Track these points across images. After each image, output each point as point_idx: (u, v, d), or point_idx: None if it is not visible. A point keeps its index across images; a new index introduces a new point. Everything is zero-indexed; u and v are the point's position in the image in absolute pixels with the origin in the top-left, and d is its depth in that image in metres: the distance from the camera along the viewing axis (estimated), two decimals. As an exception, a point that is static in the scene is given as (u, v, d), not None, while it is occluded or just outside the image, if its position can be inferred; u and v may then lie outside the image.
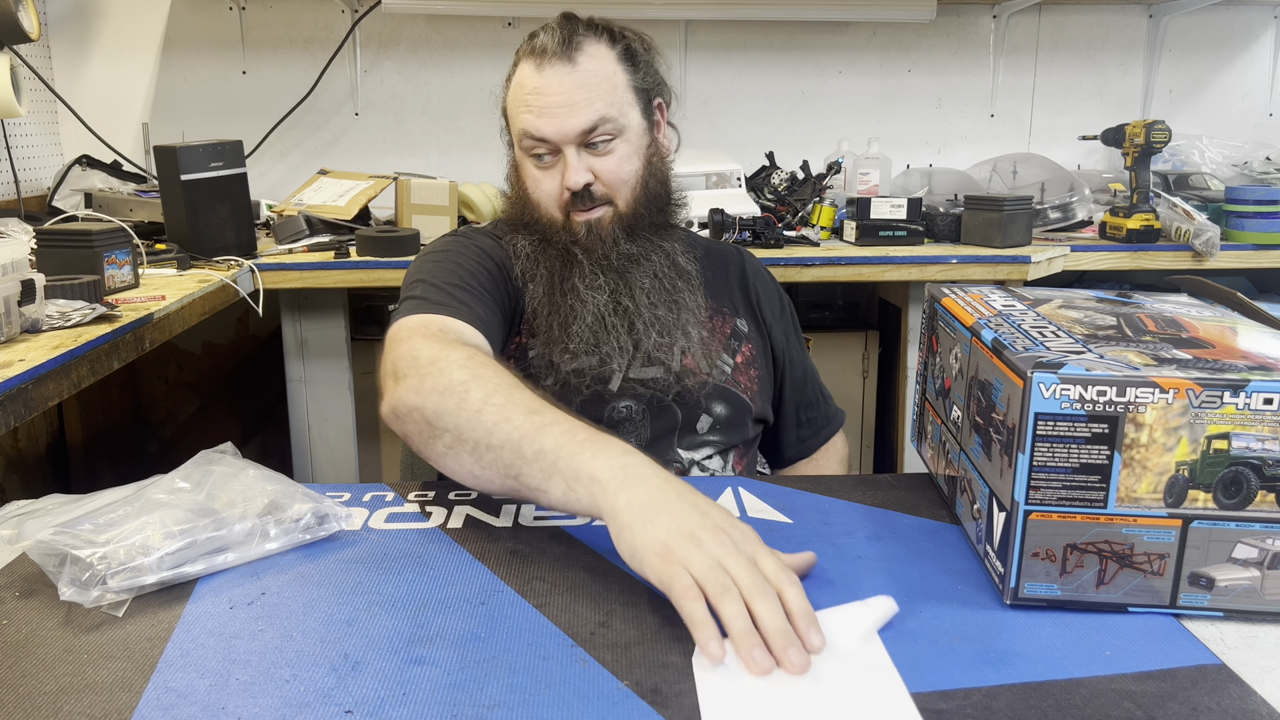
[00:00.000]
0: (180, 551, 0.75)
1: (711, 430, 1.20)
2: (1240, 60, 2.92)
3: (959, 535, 0.85)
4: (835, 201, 2.34)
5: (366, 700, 0.60)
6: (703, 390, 1.19)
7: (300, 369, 2.21)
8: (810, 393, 1.36)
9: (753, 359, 1.26)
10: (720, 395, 1.21)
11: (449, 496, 0.93)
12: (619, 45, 1.16)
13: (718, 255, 1.33)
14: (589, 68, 1.12)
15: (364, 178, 2.39)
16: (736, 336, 1.26)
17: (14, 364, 1.13)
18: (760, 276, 1.34)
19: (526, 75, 1.14)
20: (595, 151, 1.14)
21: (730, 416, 1.21)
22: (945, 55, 2.83)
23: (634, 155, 1.16)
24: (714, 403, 1.21)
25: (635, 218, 1.17)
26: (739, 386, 1.23)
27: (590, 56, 1.13)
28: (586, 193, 1.14)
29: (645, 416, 1.18)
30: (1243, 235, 2.28)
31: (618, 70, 1.15)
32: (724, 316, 1.27)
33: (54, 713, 0.59)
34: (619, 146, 1.14)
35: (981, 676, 0.63)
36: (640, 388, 1.18)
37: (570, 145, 1.13)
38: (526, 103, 1.13)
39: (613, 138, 1.13)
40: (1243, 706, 0.60)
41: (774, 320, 1.31)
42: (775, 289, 1.35)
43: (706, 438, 1.20)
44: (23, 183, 2.37)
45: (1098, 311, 0.86)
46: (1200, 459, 0.67)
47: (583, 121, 1.11)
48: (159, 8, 2.64)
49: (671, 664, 0.64)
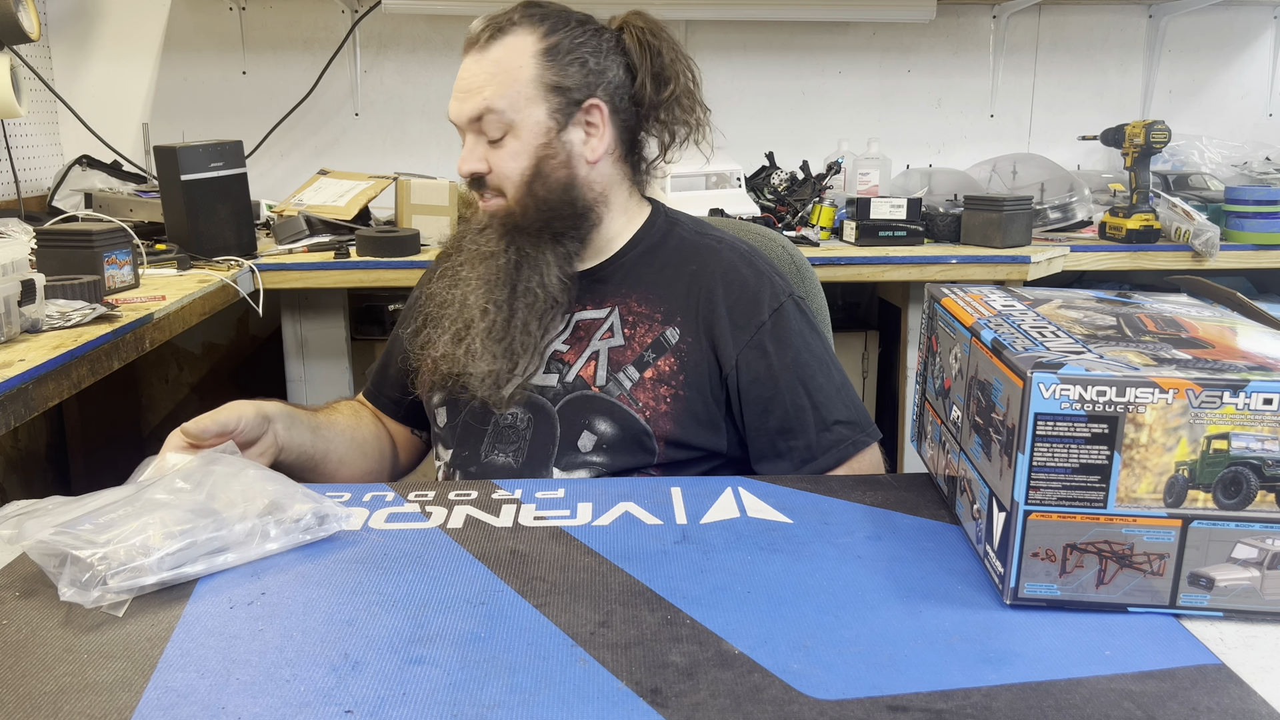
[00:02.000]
0: (180, 552, 0.75)
1: (596, 450, 1.10)
2: (1240, 60, 2.92)
3: (959, 535, 0.85)
4: (835, 201, 2.35)
5: (366, 700, 0.60)
6: (588, 404, 1.11)
7: (300, 369, 2.21)
8: (794, 420, 1.11)
9: (669, 375, 1.11)
10: (605, 411, 1.10)
11: (449, 496, 0.93)
12: (549, 39, 1.11)
13: (687, 253, 1.18)
14: (495, 56, 1.11)
15: (364, 178, 2.39)
16: (657, 348, 1.12)
17: (14, 364, 1.13)
18: (734, 279, 1.15)
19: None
20: (491, 143, 1.12)
21: (617, 437, 1.10)
22: (945, 55, 2.83)
23: (523, 153, 1.11)
24: (597, 418, 1.10)
25: (522, 218, 1.13)
26: (634, 404, 1.10)
27: (504, 46, 1.11)
28: (479, 180, 1.14)
29: (530, 426, 1.13)
30: (1242, 235, 2.28)
31: (529, 63, 1.10)
32: (651, 324, 1.13)
33: (54, 713, 0.59)
34: (509, 142, 1.11)
35: (981, 676, 0.63)
36: (533, 394, 1.13)
37: (466, 132, 1.13)
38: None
39: (505, 132, 1.11)
40: (1242, 706, 0.60)
41: (728, 333, 1.12)
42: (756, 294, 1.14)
43: (588, 458, 1.10)
44: (23, 183, 2.37)
45: (1097, 311, 0.86)
46: (1200, 459, 0.67)
47: (469, 109, 1.11)
48: (159, 8, 2.64)
49: (671, 664, 0.64)
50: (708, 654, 0.66)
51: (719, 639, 0.67)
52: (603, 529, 0.85)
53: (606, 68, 1.14)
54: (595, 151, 1.14)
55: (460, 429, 1.16)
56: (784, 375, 1.13)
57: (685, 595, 0.73)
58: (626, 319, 1.14)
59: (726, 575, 0.77)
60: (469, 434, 1.15)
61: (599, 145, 1.14)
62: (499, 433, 1.13)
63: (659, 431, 1.10)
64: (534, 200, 1.12)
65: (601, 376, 1.12)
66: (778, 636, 0.68)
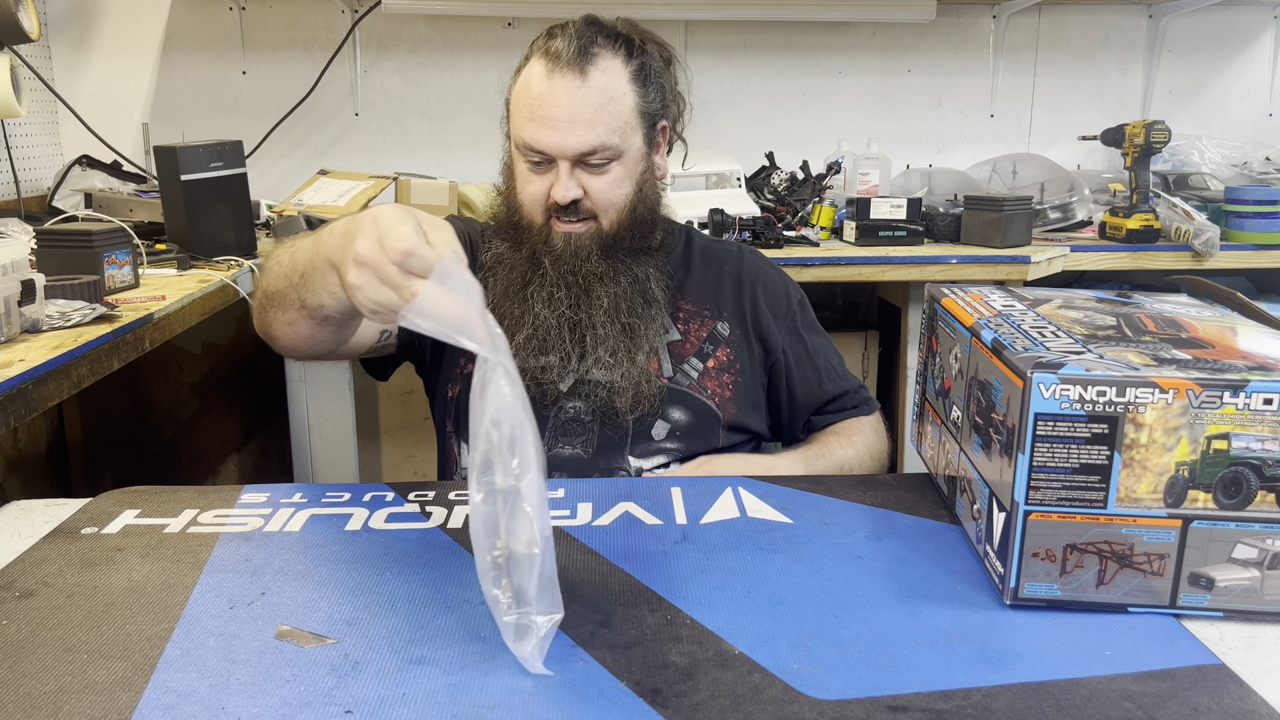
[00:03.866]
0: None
1: (669, 437, 1.17)
2: (1240, 60, 2.92)
3: (959, 535, 0.85)
4: (835, 201, 2.35)
5: (366, 700, 0.60)
6: (660, 394, 1.16)
7: (300, 369, 2.21)
8: (836, 384, 1.27)
9: (728, 364, 1.22)
10: (679, 400, 1.17)
11: (449, 496, 0.93)
12: (634, 63, 1.12)
13: (715, 255, 1.29)
14: (598, 84, 1.09)
15: (364, 178, 2.39)
16: (713, 340, 1.22)
17: (14, 364, 1.13)
18: (761, 277, 1.28)
19: (535, 77, 1.10)
20: (589, 169, 1.12)
21: (691, 423, 1.18)
22: (945, 55, 2.83)
23: (627, 179, 1.14)
24: (671, 408, 1.17)
25: (616, 239, 1.15)
26: (704, 392, 1.19)
27: (602, 73, 1.09)
28: (573, 206, 1.13)
29: (595, 419, 1.16)
30: (1242, 235, 2.28)
31: (628, 92, 1.11)
32: (703, 319, 1.23)
33: (54, 713, 0.59)
34: (614, 169, 1.12)
35: (981, 676, 0.63)
36: (593, 390, 1.15)
37: (564, 160, 1.11)
38: (531, 108, 1.10)
39: (610, 160, 1.12)
40: (1242, 706, 0.60)
41: (771, 323, 1.25)
42: (783, 289, 1.29)
43: (663, 445, 1.17)
44: (23, 183, 2.37)
45: (1098, 312, 0.86)
46: (1200, 459, 0.67)
47: (582, 143, 1.09)
48: (159, 8, 2.63)
49: (671, 664, 0.64)
50: (708, 654, 0.66)
51: (719, 639, 0.67)
52: (603, 529, 0.85)
53: (665, 86, 1.18)
54: (663, 168, 1.21)
55: None
56: (819, 354, 1.28)
57: (685, 595, 0.73)
58: (678, 316, 1.23)
59: (726, 575, 0.77)
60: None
61: (663, 162, 1.21)
62: (561, 426, 1.16)
63: (726, 417, 1.19)
64: (633, 221, 1.16)
65: (668, 368, 1.18)
66: (778, 636, 0.68)
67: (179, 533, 0.85)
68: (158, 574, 0.77)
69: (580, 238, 1.15)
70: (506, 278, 1.17)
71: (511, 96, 1.16)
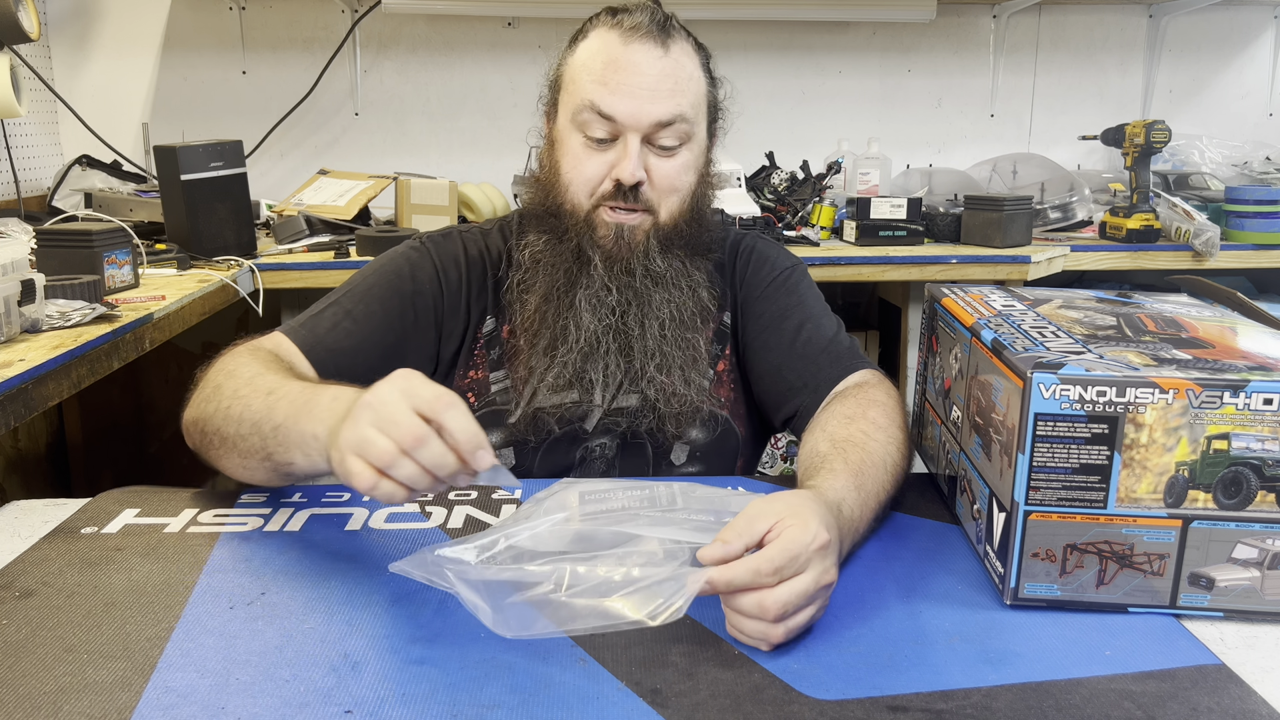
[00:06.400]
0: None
1: (690, 460, 1.09)
2: (1240, 60, 2.91)
3: (959, 535, 0.85)
4: (835, 201, 2.34)
5: (366, 700, 0.60)
6: (679, 415, 1.06)
7: (300, 369, 2.20)
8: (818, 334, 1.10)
9: (733, 364, 1.14)
10: (698, 417, 1.08)
11: (449, 496, 0.93)
12: (702, 54, 1.08)
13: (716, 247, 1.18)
14: (678, 59, 1.02)
15: (364, 178, 2.38)
16: (720, 338, 1.13)
17: (14, 364, 1.13)
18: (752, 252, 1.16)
19: (609, 44, 1.01)
20: (657, 150, 1.02)
21: (710, 443, 1.09)
22: (945, 55, 2.83)
23: (693, 168, 1.05)
24: (690, 428, 1.08)
25: (673, 233, 1.05)
26: (718, 403, 1.10)
27: (681, 51, 1.04)
28: (634, 191, 1.01)
29: (616, 453, 1.08)
30: (1243, 235, 2.28)
31: (700, 77, 1.06)
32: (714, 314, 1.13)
33: (54, 713, 0.59)
34: (683, 153, 1.03)
35: (981, 676, 0.63)
36: (616, 421, 1.07)
37: (636, 134, 1.00)
38: (601, 74, 1.00)
39: (681, 142, 1.03)
40: (1242, 706, 0.60)
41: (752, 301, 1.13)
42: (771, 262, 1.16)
43: (685, 469, 1.09)
44: (23, 183, 2.37)
45: (1098, 312, 0.86)
46: (1200, 459, 0.67)
47: (663, 112, 1.00)
48: (159, 8, 2.63)
49: (671, 664, 0.64)
50: (708, 654, 0.66)
51: (719, 639, 0.67)
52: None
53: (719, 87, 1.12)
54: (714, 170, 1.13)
55: (536, 469, 1.08)
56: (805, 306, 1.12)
57: (685, 595, 0.73)
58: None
59: (726, 575, 0.77)
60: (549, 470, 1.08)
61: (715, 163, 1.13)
62: (583, 463, 1.08)
63: (743, 432, 1.12)
64: (692, 216, 1.06)
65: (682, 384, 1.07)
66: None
67: (179, 532, 0.85)
68: (158, 574, 0.77)
69: (634, 231, 1.03)
70: (549, 278, 1.05)
71: (566, 69, 1.06)
